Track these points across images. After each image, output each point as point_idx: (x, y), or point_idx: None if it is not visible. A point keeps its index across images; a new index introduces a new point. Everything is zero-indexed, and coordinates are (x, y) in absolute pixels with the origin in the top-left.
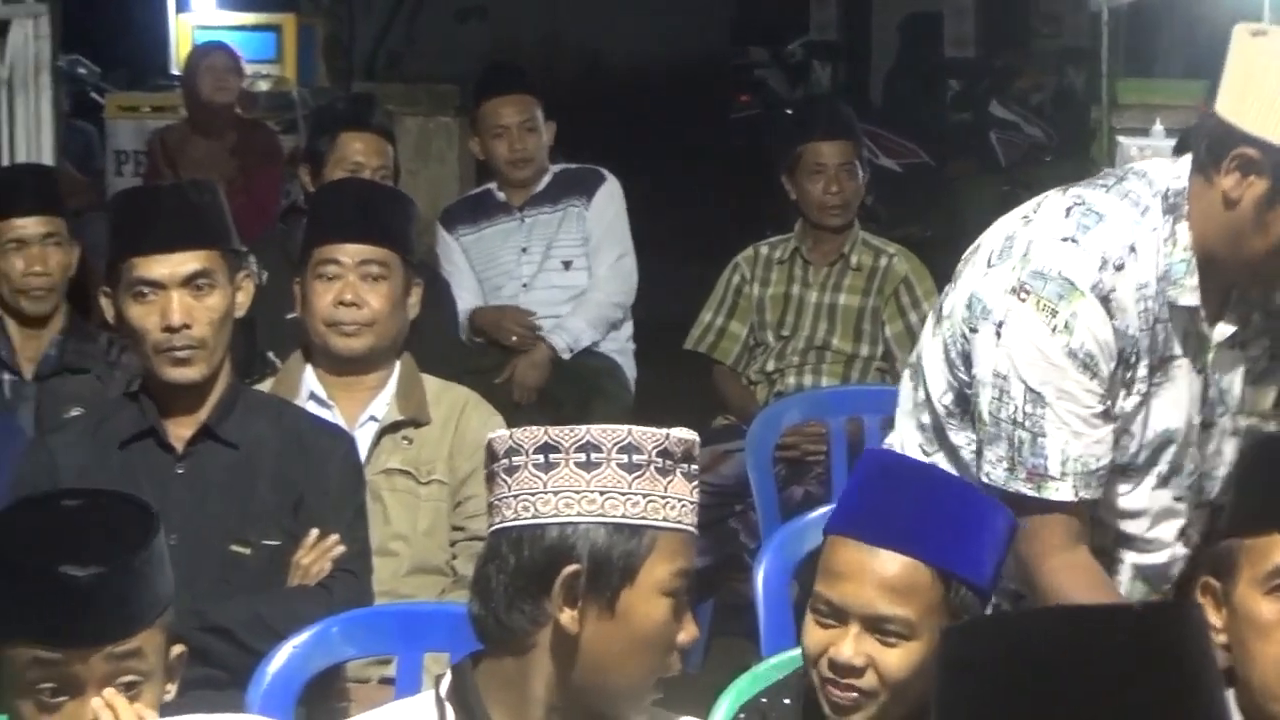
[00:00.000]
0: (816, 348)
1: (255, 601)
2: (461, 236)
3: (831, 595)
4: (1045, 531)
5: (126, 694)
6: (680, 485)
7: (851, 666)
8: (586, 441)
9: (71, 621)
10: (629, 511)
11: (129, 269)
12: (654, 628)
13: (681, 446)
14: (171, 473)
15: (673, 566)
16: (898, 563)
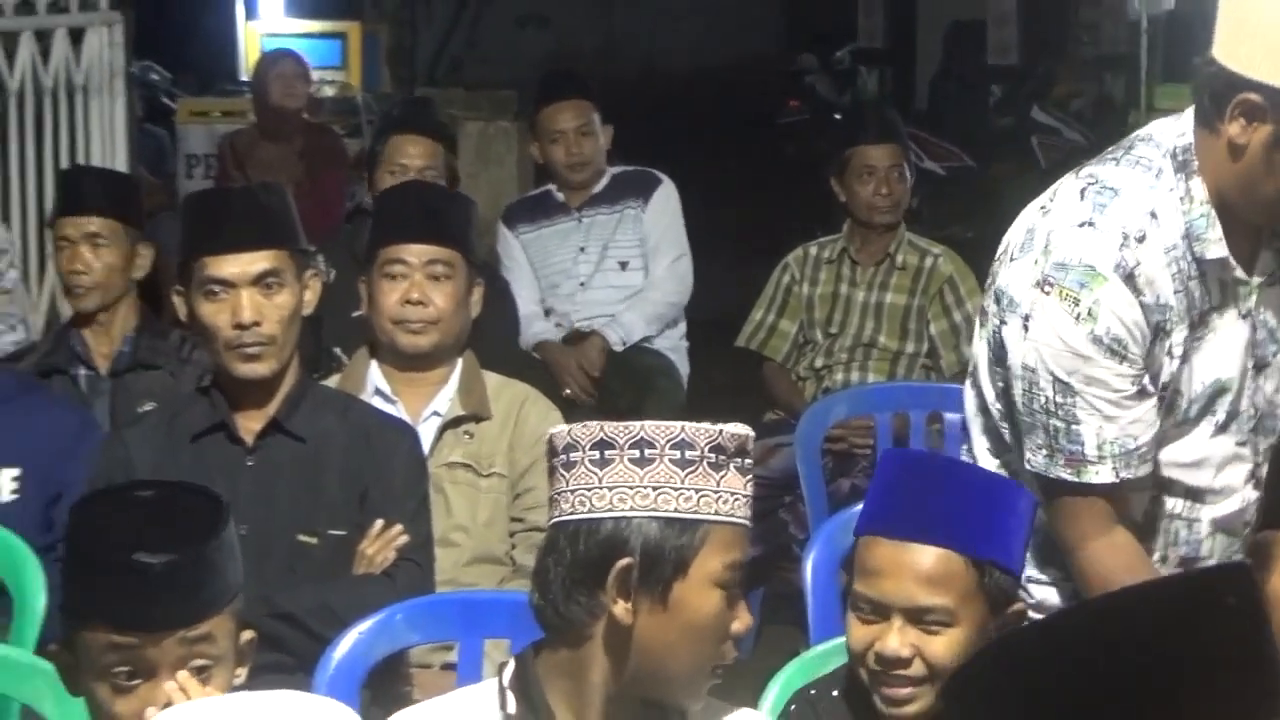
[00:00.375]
0: (863, 345)
1: (322, 590)
2: (521, 234)
3: (871, 593)
4: (1085, 515)
5: (198, 677)
6: (733, 479)
7: (899, 658)
8: (640, 438)
9: (145, 607)
10: (681, 506)
11: (201, 268)
12: (706, 619)
13: (735, 442)
14: (242, 465)
15: (725, 559)
16: (931, 555)
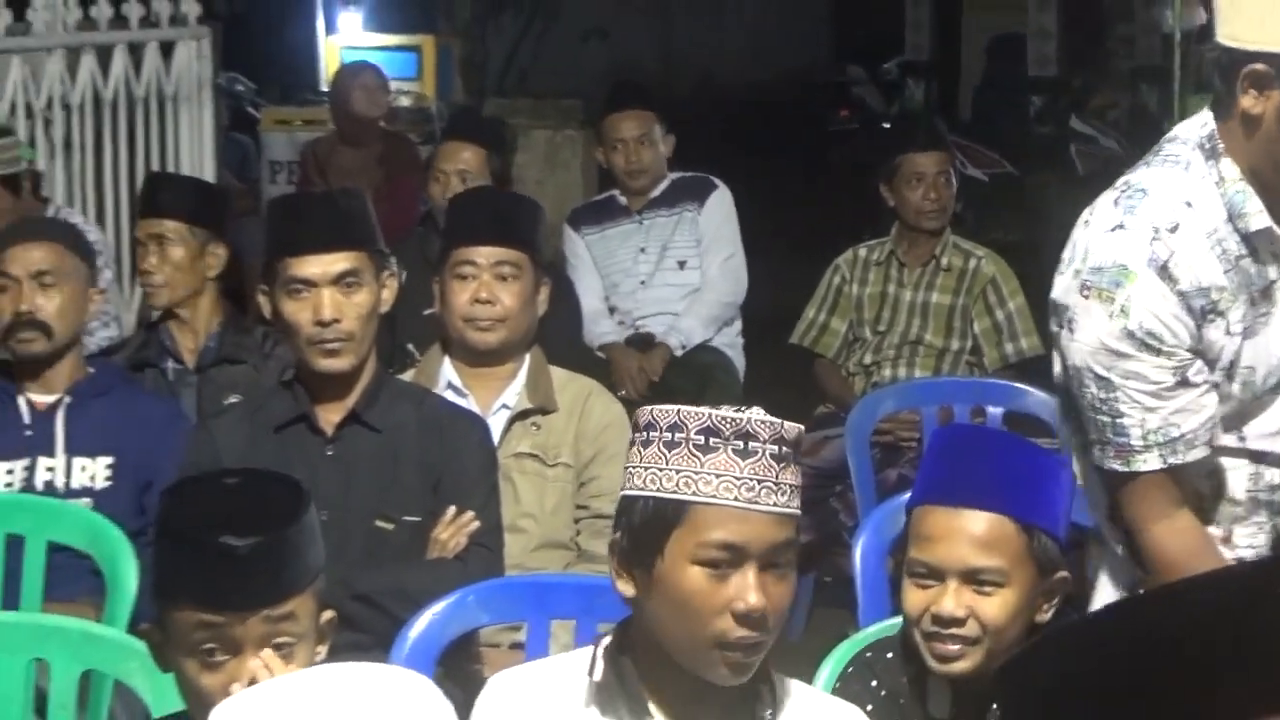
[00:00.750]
0: (910, 342)
1: (398, 572)
2: (586, 236)
3: (927, 558)
4: (1144, 501)
5: (281, 654)
6: (723, 461)
7: (955, 618)
8: (643, 422)
9: (231, 587)
10: (664, 486)
11: (284, 268)
12: (686, 595)
13: (730, 425)
14: (322, 455)
15: (703, 537)
16: (984, 519)
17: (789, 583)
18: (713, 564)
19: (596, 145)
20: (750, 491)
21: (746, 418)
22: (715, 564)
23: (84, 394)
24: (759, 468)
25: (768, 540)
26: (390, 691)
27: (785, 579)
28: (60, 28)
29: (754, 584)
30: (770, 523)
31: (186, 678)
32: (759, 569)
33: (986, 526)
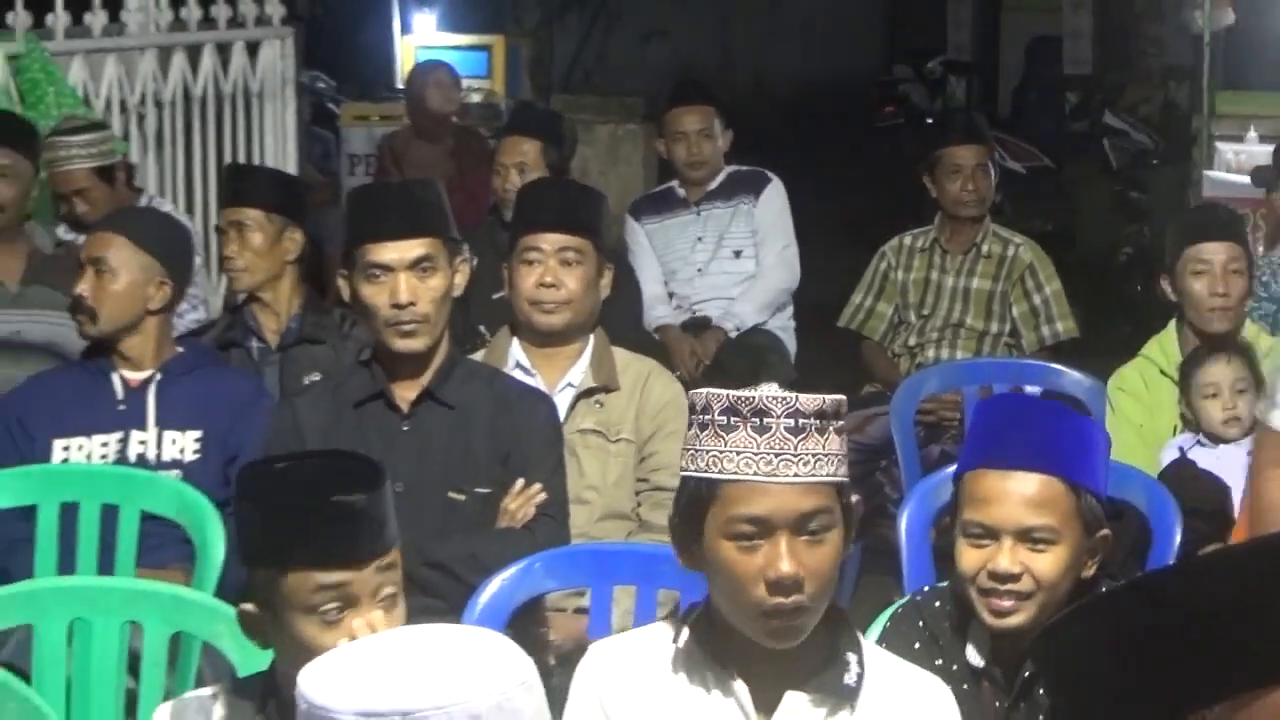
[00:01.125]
0: (952, 325)
1: (470, 541)
2: (646, 225)
3: (982, 518)
4: (1263, 450)
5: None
6: (743, 439)
7: (1010, 574)
8: (693, 405)
9: (349, 542)
10: (694, 466)
11: (363, 254)
12: (722, 567)
13: (746, 404)
14: (398, 430)
15: (731, 512)
16: (1035, 480)
17: (828, 546)
18: (744, 537)
19: (656, 139)
20: (769, 465)
21: (759, 395)
22: (746, 536)
23: (173, 371)
24: (775, 441)
25: (794, 509)
26: (482, 648)
27: (822, 543)
28: (152, 28)
29: (784, 552)
30: (794, 492)
31: (305, 641)
32: (791, 536)
33: (1038, 487)
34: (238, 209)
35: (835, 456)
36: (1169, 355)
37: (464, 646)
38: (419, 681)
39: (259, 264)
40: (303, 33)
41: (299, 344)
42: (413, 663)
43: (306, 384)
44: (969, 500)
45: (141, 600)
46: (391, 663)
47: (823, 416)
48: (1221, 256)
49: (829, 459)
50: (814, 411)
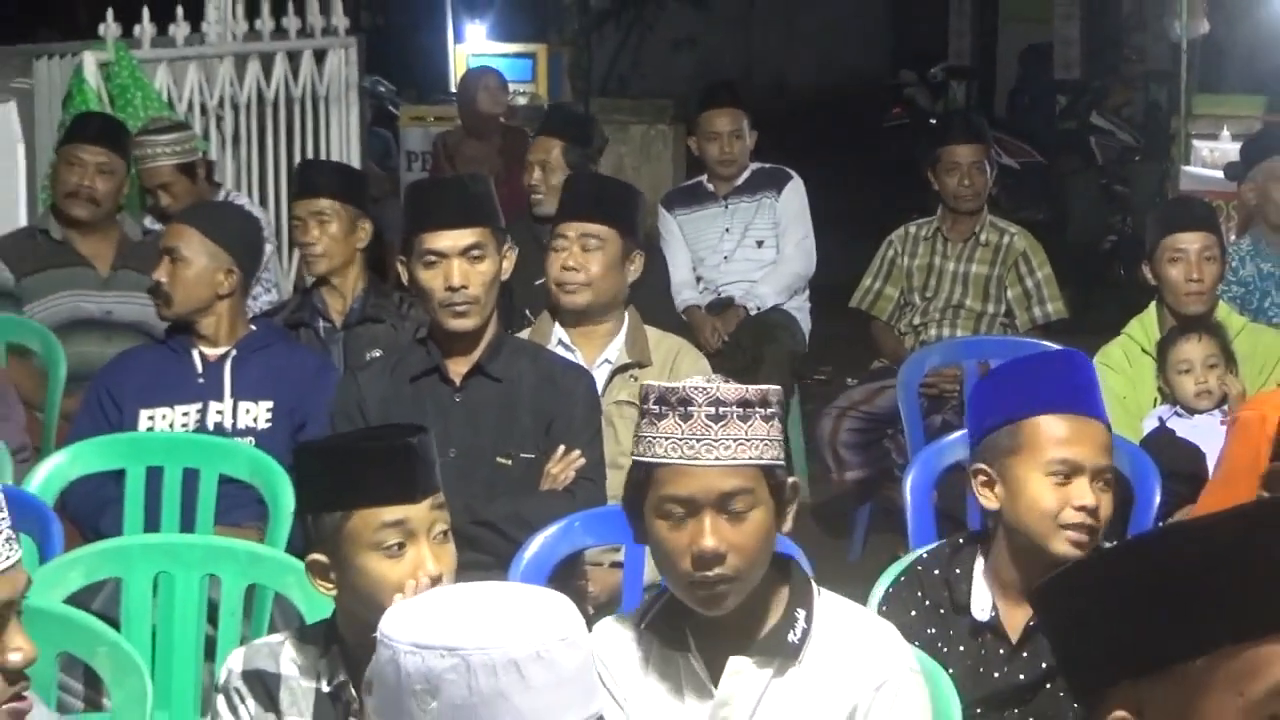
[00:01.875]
0: (953, 306)
1: (515, 502)
2: (678, 216)
3: (1069, 454)
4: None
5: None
6: (671, 425)
7: (1095, 508)
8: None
9: (406, 479)
10: (637, 451)
11: (420, 242)
12: (657, 543)
13: (674, 395)
14: (451, 401)
15: (660, 492)
16: (1099, 427)
17: (750, 523)
18: (672, 515)
19: (688, 138)
20: (691, 450)
21: (684, 385)
22: (674, 515)
23: (247, 348)
24: (697, 428)
25: (715, 489)
26: (535, 603)
27: (745, 520)
28: (230, 38)
29: (707, 529)
30: (716, 474)
31: (371, 576)
32: (715, 514)
33: (1104, 433)
34: (315, 199)
35: (760, 441)
36: (1149, 334)
37: (520, 600)
38: (470, 625)
39: (336, 250)
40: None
41: (362, 323)
42: (471, 610)
43: (368, 359)
44: (1047, 442)
45: (219, 555)
46: (453, 609)
47: (746, 405)
48: (1196, 245)
49: (752, 444)
50: (736, 400)
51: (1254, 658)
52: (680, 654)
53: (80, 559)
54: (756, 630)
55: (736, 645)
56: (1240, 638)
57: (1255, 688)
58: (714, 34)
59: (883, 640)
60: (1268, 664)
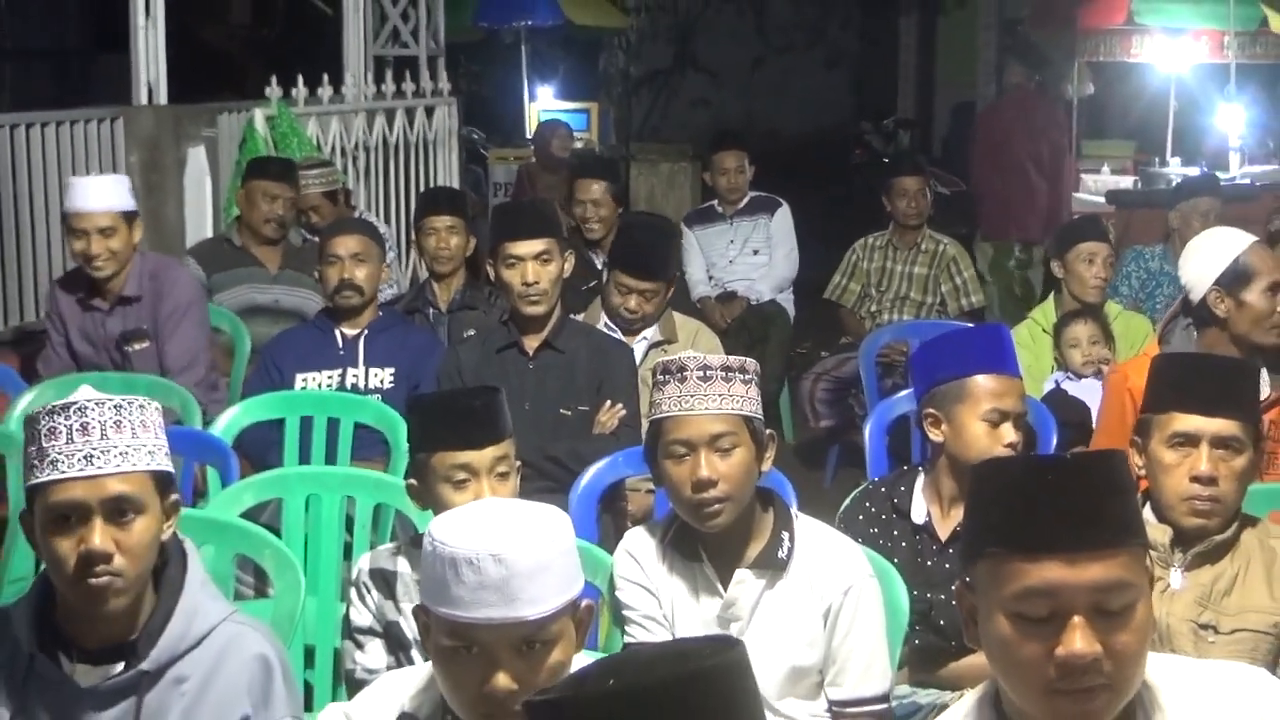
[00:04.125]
0: (901, 298)
1: (574, 442)
2: (695, 231)
3: (999, 405)
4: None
5: (501, 479)
6: (670, 388)
7: (1017, 442)
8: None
9: (473, 432)
10: (651, 413)
11: (504, 249)
12: (665, 479)
13: (659, 367)
14: (526, 368)
15: (664, 439)
16: (1018, 381)
17: (735, 458)
18: (676, 455)
19: (703, 172)
20: (686, 404)
21: (680, 356)
22: (676, 454)
23: (376, 328)
24: (690, 387)
25: (707, 432)
26: (542, 518)
27: (730, 456)
28: (362, 98)
29: (702, 463)
30: (706, 420)
31: (443, 500)
32: (707, 451)
33: (1020, 388)
34: (445, 217)
35: (740, 397)
36: (1048, 317)
37: (516, 517)
38: (475, 533)
39: (457, 255)
40: (462, 101)
41: (461, 310)
42: (483, 523)
43: (465, 337)
44: (984, 395)
45: (354, 482)
46: (473, 521)
47: (728, 369)
48: (1102, 252)
49: (734, 398)
50: (720, 365)
51: (1008, 567)
52: (696, 564)
53: (251, 485)
54: (752, 548)
55: (738, 559)
56: (1000, 550)
57: (1004, 590)
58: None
59: (848, 554)
60: (1014, 575)
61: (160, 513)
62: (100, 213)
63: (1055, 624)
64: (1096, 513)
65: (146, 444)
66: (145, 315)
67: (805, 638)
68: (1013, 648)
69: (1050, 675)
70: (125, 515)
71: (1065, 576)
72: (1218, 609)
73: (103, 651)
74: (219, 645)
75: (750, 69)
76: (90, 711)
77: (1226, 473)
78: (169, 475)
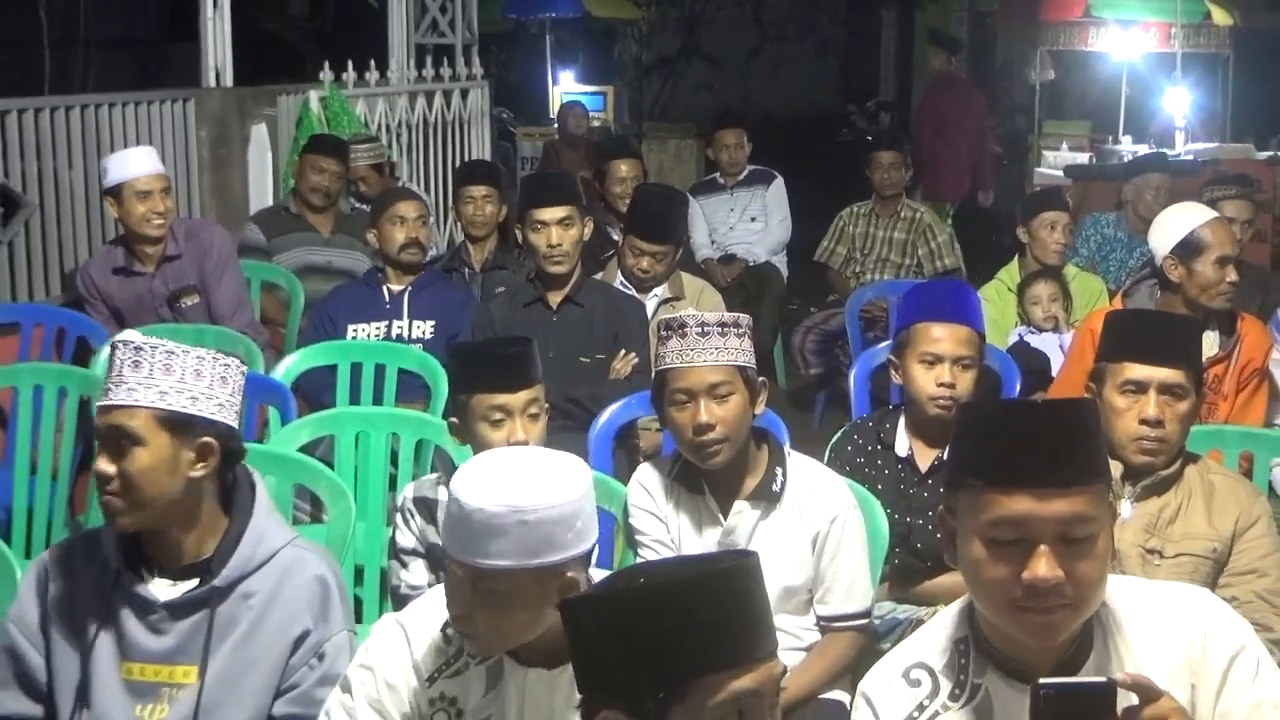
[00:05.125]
0: (882, 260)
1: (593, 386)
2: (699, 199)
3: (932, 349)
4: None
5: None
6: (673, 342)
7: (952, 383)
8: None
9: (507, 376)
10: (656, 366)
11: (531, 215)
12: (670, 424)
13: (662, 325)
14: (550, 320)
15: (669, 388)
16: (963, 328)
17: (731, 403)
18: (679, 403)
19: (706, 148)
20: (686, 356)
21: (680, 315)
22: (678, 401)
23: (419, 285)
24: (689, 341)
25: (705, 381)
26: (562, 467)
27: (727, 401)
28: (405, 81)
29: (702, 408)
30: (704, 370)
31: (481, 438)
32: (706, 399)
33: (966, 334)
34: (480, 187)
35: (734, 350)
36: (1013, 277)
37: (535, 468)
38: (489, 487)
39: (490, 221)
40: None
41: (493, 269)
42: (498, 474)
43: (496, 293)
44: (921, 340)
45: (399, 421)
46: (489, 472)
47: (723, 325)
48: (1064, 219)
49: (728, 351)
50: (715, 322)
51: (984, 498)
52: (699, 496)
53: (307, 423)
54: (749, 482)
55: (736, 491)
56: (978, 483)
57: (980, 518)
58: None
59: (835, 487)
60: (989, 505)
61: (172, 449)
62: (158, 174)
63: (1023, 549)
64: (1064, 453)
65: (160, 385)
66: (191, 271)
67: (796, 561)
68: (985, 568)
69: (1017, 594)
70: (121, 445)
71: (1034, 509)
72: (1163, 536)
73: (180, 569)
74: (283, 566)
75: (748, 57)
76: (168, 622)
77: (1171, 416)
78: (186, 418)
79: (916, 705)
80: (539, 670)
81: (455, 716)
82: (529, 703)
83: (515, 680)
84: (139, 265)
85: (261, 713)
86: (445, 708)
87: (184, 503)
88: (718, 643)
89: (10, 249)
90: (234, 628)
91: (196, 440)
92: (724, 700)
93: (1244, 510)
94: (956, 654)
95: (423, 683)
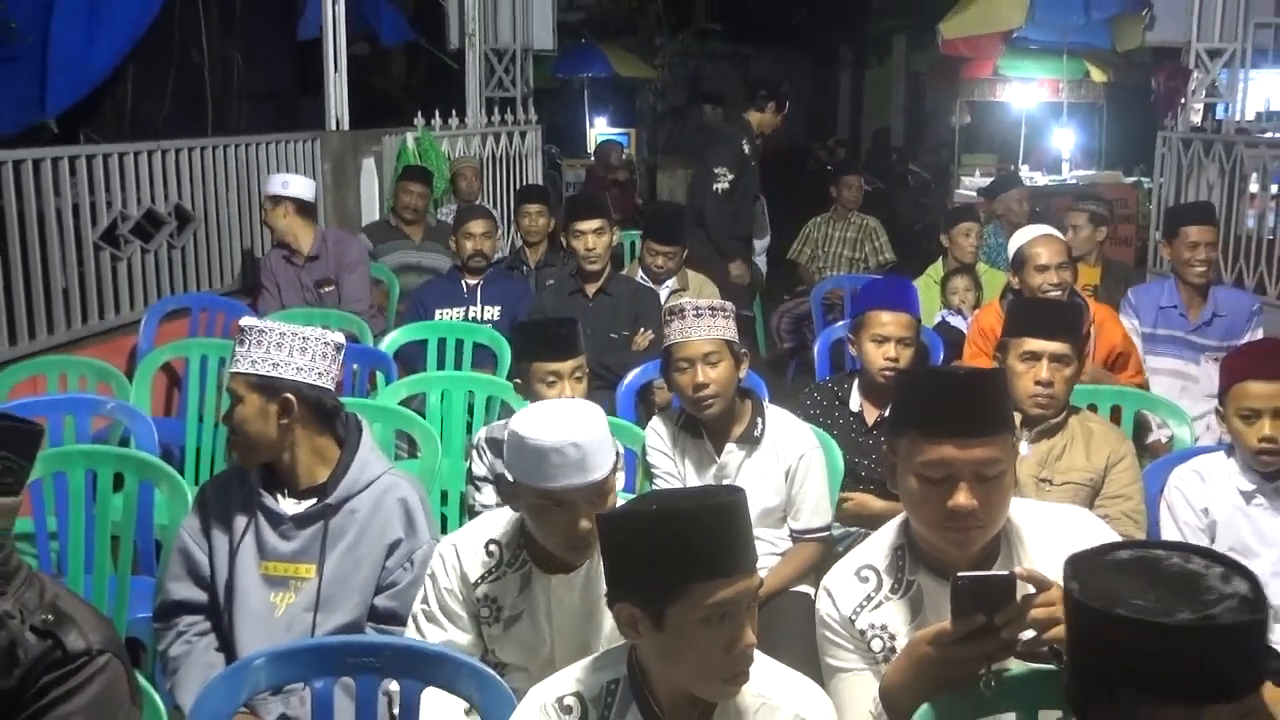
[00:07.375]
0: (838, 257)
1: (619, 355)
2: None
3: (882, 331)
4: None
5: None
6: (675, 323)
7: (896, 359)
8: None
9: (559, 347)
10: (664, 343)
11: (573, 226)
12: (675, 385)
13: (667, 310)
14: (587, 305)
15: (674, 357)
16: (904, 315)
17: (721, 367)
18: (680, 368)
19: None
20: (685, 333)
21: (680, 302)
22: (680, 368)
23: (490, 279)
24: (688, 322)
25: (700, 351)
26: (586, 409)
27: (717, 366)
28: (478, 125)
29: (698, 373)
30: (700, 344)
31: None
32: (702, 365)
33: (906, 319)
34: (535, 205)
35: (722, 327)
36: (937, 273)
37: (583, 408)
38: (542, 424)
39: (544, 231)
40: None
41: (545, 267)
42: (549, 417)
43: (547, 285)
44: (872, 323)
45: (475, 382)
46: (544, 416)
47: (713, 309)
48: (975, 228)
49: (717, 327)
50: (708, 307)
51: (918, 445)
52: (699, 440)
53: (405, 383)
54: (736, 429)
55: (727, 436)
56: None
57: (914, 459)
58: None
59: (802, 432)
60: (921, 450)
61: (260, 404)
62: (273, 195)
63: (947, 484)
64: (980, 411)
65: (252, 356)
66: (330, 268)
67: (773, 488)
68: (918, 497)
69: (942, 518)
70: (232, 402)
71: (956, 454)
72: (1052, 469)
73: (302, 491)
74: (381, 489)
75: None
76: (294, 530)
77: (1059, 379)
78: (269, 380)
79: (865, 596)
80: (559, 575)
81: (496, 611)
82: (553, 599)
83: (540, 584)
84: (295, 258)
85: (365, 603)
86: (489, 604)
87: (281, 443)
88: (709, 558)
89: (183, 253)
90: (343, 536)
91: (279, 396)
92: (711, 603)
93: (1114, 450)
94: (896, 557)
95: (470, 587)
